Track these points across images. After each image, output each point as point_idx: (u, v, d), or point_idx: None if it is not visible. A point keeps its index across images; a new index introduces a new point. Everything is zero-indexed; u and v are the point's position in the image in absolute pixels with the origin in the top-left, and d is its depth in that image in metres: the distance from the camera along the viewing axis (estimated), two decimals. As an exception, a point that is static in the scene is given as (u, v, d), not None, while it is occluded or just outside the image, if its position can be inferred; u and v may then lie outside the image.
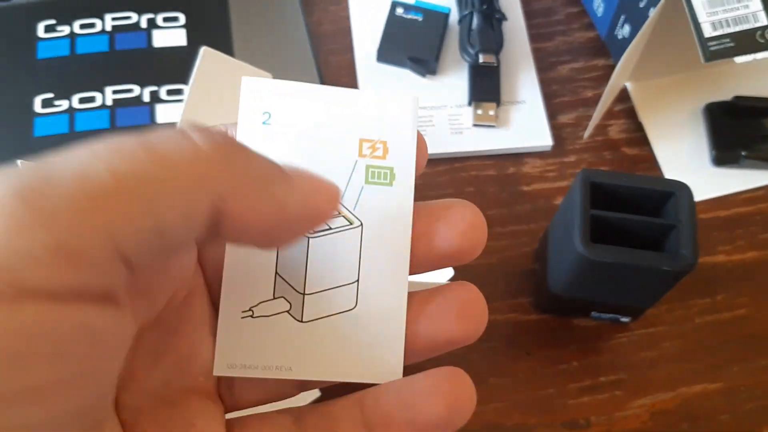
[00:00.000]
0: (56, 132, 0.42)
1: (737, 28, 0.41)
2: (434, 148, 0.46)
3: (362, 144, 0.20)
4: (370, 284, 0.20)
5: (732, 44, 0.40)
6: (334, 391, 0.22)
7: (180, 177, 0.15)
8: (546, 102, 0.48)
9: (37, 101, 0.43)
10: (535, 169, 0.46)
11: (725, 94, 0.48)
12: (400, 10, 0.49)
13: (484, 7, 0.48)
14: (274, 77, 0.42)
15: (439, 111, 0.47)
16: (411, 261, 0.21)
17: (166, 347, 0.20)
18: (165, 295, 0.20)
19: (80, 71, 0.44)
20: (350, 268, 0.20)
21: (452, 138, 0.46)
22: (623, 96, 0.48)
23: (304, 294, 0.21)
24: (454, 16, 0.49)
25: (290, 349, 0.20)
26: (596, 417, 0.39)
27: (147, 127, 0.43)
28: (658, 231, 0.36)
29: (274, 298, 0.21)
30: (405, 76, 0.48)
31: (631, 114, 0.48)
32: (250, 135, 0.20)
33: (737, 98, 0.47)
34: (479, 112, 0.46)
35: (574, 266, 0.36)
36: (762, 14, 0.41)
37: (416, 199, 0.21)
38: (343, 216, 0.20)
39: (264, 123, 0.20)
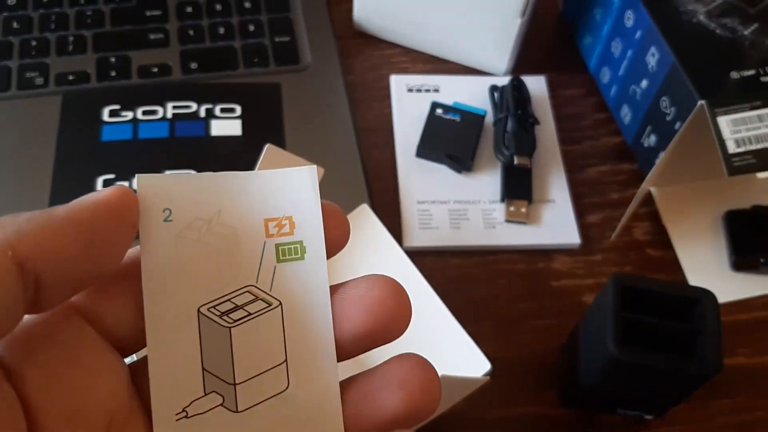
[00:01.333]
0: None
1: (759, 146, 0.44)
2: (468, 241, 0.49)
3: (268, 224, 0.20)
4: (299, 361, 0.20)
5: (754, 161, 0.43)
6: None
7: None
8: (574, 202, 0.51)
9: (100, 181, 0.46)
10: (563, 265, 0.49)
11: (744, 203, 0.50)
12: (439, 111, 0.52)
13: (519, 111, 0.51)
14: (323, 168, 0.45)
15: (473, 206, 0.50)
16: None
17: None
18: (101, 420, 0.20)
19: (141, 155, 0.47)
20: (276, 349, 0.20)
21: (486, 232, 0.49)
22: (647, 200, 0.51)
23: (234, 384, 0.20)
24: (489, 118, 0.53)
25: None
26: None
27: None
28: (684, 335, 0.38)
29: (206, 394, 0.21)
30: (442, 171, 0.51)
31: (655, 217, 0.51)
32: (152, 233, 0.20)
33: (756, 207, 0.50)
34: (512, 209, 0.49)
35: (605, 364, 0.37)
36: (781, 133, 0.44)
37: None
38: (261, 299, 0.20)
39: (165, 220, 0.20)
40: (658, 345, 0.37)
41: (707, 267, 0.49)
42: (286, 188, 0.21)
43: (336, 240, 0.21)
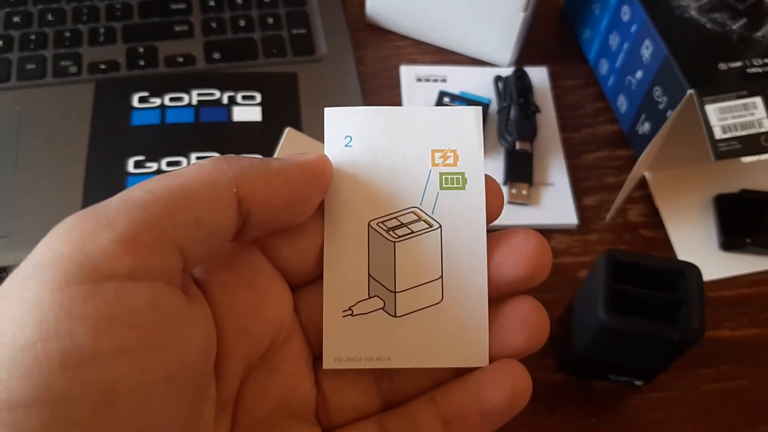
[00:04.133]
0: (146, 190, 0.49)
1: (744, 132, 0.47)
2: (472, 221, 0.52)
3: (434, 154, 0.23)
4: (453, 279, 0.22)
5: (739, 146, 0.46)
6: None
7: (195, 181, 0.20)
8: (573, 185, 0.54)
9: (130, 162, 0.50)
10: (561, 244, 0.52)
11: (733, 187, 0.54)
12: (446, 99, 0.55)
13: (521, 100, 0.54)
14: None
15: (478, 188, 0.53)
16: None
17: (271, 382, 0.24)
18: (266, 337, 0.24)
19: (168, 138, 0.51)
20: (434, 266, 0.22)
21: (489, 213, 0.52)
22: (642, 183, 0.54)
23: (395, 292, 0.23)
24: (493, 107, 0.56)
25: (387, 341, 0.23)
26: (610, 469, 0.44)
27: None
28: (670, 305, 0.41)
29: (370, 298, 0.23)
30: (449, 156, 0.54)
31: (648, 200, 0.54)
32: (335, 157, 0.23)
33: (744, 191, 0.53)
34: (513, 191, 0.52)
35: (597, 332, 0.41)
36: (766, 121, 0.48)
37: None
38: (423, 220, 0.22)
39: (346, 146, 0.23)
40: (645, 314, 0.40)
41: (697, 246, 0.52)
42: (453, 124, 0.23)
43: (492, 209, 0.24)
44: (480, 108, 0.23)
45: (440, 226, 0.23)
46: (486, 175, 0.23)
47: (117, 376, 0.18)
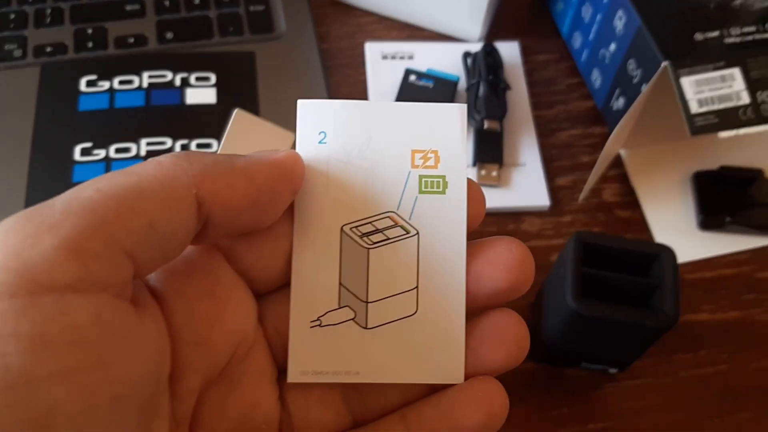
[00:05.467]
0: (94, 179, 0.46)
1: (721, 106, 0.45)
2: (440, 205, 0.50)
3: (414, 155, 0.21)
4: (429, 290, 0.21)
5: (716, 120, 0.44)
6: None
7: (151, 180, 0.19)
8: (545, 165, 0.52)
9: (77, 150, 0.47)
10: (533, 227, 0.50)
11: (712, 164, 0.51)
12: (413, 77, 0.53)
13: (491, 77, 0.52)
14: (293, 135, 0.46)
15: (445, 170, 0.51)
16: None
17: (232, 399, 0.22)
18: (226, 350, 0.22)
19: (117, 124, 0.48)
20: (409, 275, 0.21)
21: (457, 196, 0.50)
22: (617, 162, 0.52)
23: (367, 302, 0.22)
24: (462, 84, 0.53)
25: (357, 354, 0.21)
26: (584, 462, 0.42)
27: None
28: (643, 289, 0.39)
29: (340, 308, 0.22)
30: (415, 137, 0.52)
31: (624, 179, 0.52)
32: (307, 154, 0.21)
33: (723, 168, 0.51)
34: (483, 172, 0.50)
35: (566, 319, 0.39)
36: (745, 93, 0.45)
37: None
38: (400, 226, 0.21)
39: (320, 142, 0.21)
40: (618, 299, 0.38)
41: (674, 227, 0.50)
42: (436, 122, 0.21)
43: (473, 216, 0.22)
44: (464, 106, 0.22)
45: (417, 233, 0.21)
46: (468, 179, 0.22)
47: (54, 401, 0.16)
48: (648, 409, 0.44)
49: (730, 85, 0.45)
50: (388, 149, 0.21)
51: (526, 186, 0.51)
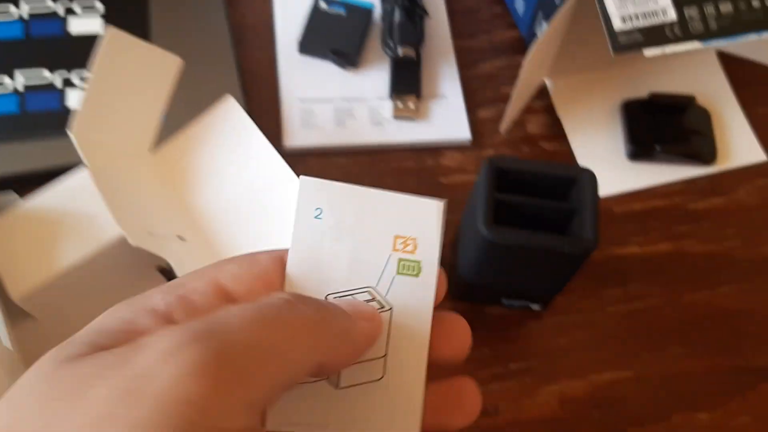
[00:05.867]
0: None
1: (647, 23, 0.41)
2: (354, 139, 0.46)
3: (396, 240, 0.23)
4: (396, 358, 0.23)
5: (641, 37, 0.41)
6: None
7: (299, 346, 0.19)
8: (467, 98, 0.48)
9: (-54, 86, 0.42)
10: (453, 161, 0.46)
11: (642, 91, 0.49)
12: (323, 4, 0.49)
13: (407, 2, 0.48)
14: (191, 68, 0.42)
15: (360, 103, 0.47)
16: None
17: None
18: None
19: (-8, 57, 0.43)
20: (380, 344, 0.23)
21: (373, 130, 0.46)
22: (542, 93, 0.49)
23: None
24: (378, 13, 0.50)
25: (328, 410, 0.23)
26: (505, 404, 0.39)
27: (58, 113, 0.42)
28: (561, 216, 0.36)
29: None
30: (327, 68, 0.48)
31: (549, 110, 0.49)
32: (304, 227, 0.23)
33: (653, 95, 0.48)
34: (399, 104, 0.47)
35: (479, 250, 0.36)
36: (671, 10, 0.42)
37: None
38: (377, 301, 0.23)
39: (316, 217, 0.23)
40: (536, 228, 0.35)
41: (603, 158, 0.47)
42: (417, 213, 0.24)
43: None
44: (443, 202, 0.24)
45: (391, 309, 0.23)
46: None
47: None
48: (574, 346, 0.41)
49: (656, 1, 0.42)
50: (375, 232, 0.24)
51: (446, 119, 0.47)
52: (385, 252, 0.23)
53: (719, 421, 0.40)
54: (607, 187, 0.46)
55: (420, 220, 0.24)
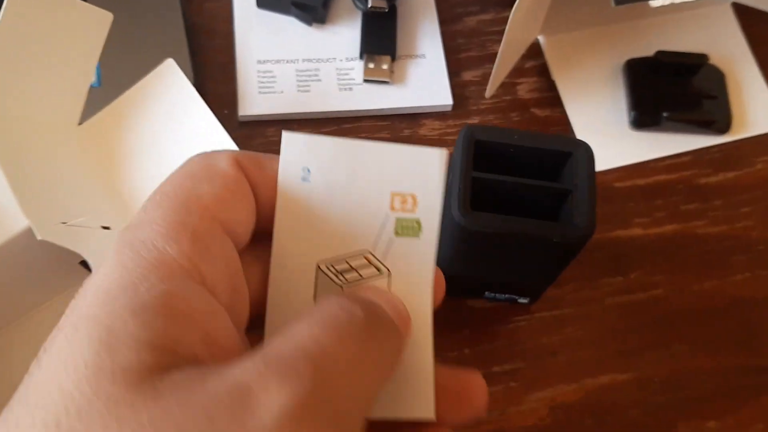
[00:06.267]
0: None
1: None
2: (320, 106, 0.41)
3: (394, 198, 0.22)
4: None
5: (647, -14, 0.35)
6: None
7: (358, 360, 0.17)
8: (448, 57, 0.43)
9: None
10: (433, 131, 0.41)
11: (647, 50, 0.43)
12: (286, -48, 0.43)
13: (379, -53, 0.42)
14: (127, 25, 0.36)
15: (326, 64, 0.41)
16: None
17: None
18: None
19: None
20: None
21: (341, 95, 0.41)
22: (535, 51, 0.43)
23: None
24: (347, -41, 0.44)
25: None
26: (488, 412, 0.34)
27: None
28: (552, 198, 0.31)
29: None
30: (289, 24, 0.42)
31: (543, 71, 0.43)
32: (290, 188, 0.22)
33: (660, 53, 0.42)
34: (371, 66, 0.41)
35: (455, 238, 0.30)
36: (683, -45, 0.36)
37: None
38: (374, 266, 0.22)
39: (303, 179, 0.22)
40: (523, 214, 0.30)
41: (602, 126, 0.42)
42: (416, 165, 0.22)
43: (435, 301, 0.22)
44: (445, 151, 0.21)
45: (389, 273, 0.22)
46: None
47: None
48: (566, 345, 0.36)
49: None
50: (370, 189, 0.22)
51: (425, 82, 0.42)
52: (382, 212, 0.22)
53: (730, 430, 0.35)
54: (606, 160, 0.41)
55: (420, 173, 0.22)
